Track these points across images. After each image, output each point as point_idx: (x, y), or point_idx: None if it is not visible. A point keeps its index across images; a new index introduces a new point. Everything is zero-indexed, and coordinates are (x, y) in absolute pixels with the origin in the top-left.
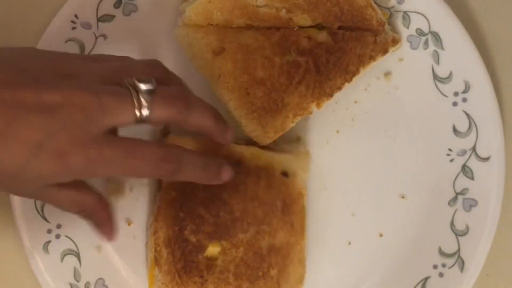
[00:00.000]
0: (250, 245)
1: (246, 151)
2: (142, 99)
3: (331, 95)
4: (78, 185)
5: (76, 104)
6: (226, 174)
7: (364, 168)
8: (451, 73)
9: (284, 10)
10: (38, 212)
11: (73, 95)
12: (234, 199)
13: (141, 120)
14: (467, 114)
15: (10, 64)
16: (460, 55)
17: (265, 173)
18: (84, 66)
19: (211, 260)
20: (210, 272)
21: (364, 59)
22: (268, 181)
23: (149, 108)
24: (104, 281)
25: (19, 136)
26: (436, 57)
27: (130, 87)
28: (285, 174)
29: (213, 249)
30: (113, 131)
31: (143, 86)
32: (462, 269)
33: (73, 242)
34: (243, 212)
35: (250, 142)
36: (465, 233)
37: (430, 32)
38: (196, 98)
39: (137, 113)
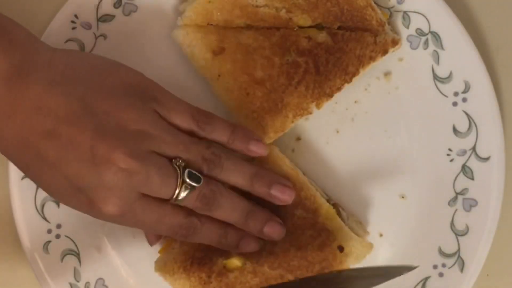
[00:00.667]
0: (267, 282)
1: (323, 208)
2: (183, 190)
3: (330, 95)
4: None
5: (124, 170)
6: (245, 248)
7: (363, 168)
8: (451, 73)
9: (284, 10)
10: (38, 212)
11: (124, 160)
12: (284, 238)
13: (172, 200)
14: (467, 114)
15: (82, 95)
16: (460, 55)
17: (326, 236)
18: (150, 123)
19: (226, 269)
20: (218, 279)
21: (363, 60)
22: (323, 244)
23: (183, 198)
24: (104, 281)
25: (65, 174)
26: (436, 57)
27: (180, 172)
28: (341, 248)
29: (235, 262)
30: None
31: (191, 183)
32: (462, 269)
33: (73, 242)
34: (283, 252)
35: (333, 200)
36: (465, 233)
37: (430, 32)
38: (226, 198)
39: (173, 196)
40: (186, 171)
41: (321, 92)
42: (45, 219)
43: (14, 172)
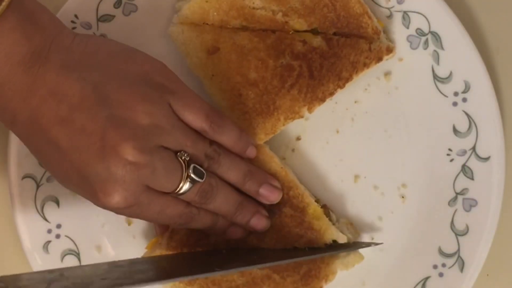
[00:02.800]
0: (254, 282)
1: (310, 207)
2: (186, 184)
3: (323, 100)
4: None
5: (132, 163)
6: (232, 235)
7: (363, 168)
8: (451, 73)
9: (280, 14)
10: (38, 212)
11: (133, 154)
12: (272, 235)
13: (174, 193)
14: (467, 114)
15: (97, 82)
16: (460, 55)
17: (312, 234)
18: (163, 117)
19: None
20: None
21: (357, 66)
22: (310, 243)
23: (185, 191)
24: None
25: (73, 162)
26: (436, 57)
27: (185, 167)
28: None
29: None
30: None
31: (196, 178)
32: (462, 269)
33: (73, 242)
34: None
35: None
36: (465, 233)
37: (430, 32)
38: (222, 194)
39: (176, 190)
40: (191, 167)
41: (314, 96)
42: (45, 219)
43: (14, 172)
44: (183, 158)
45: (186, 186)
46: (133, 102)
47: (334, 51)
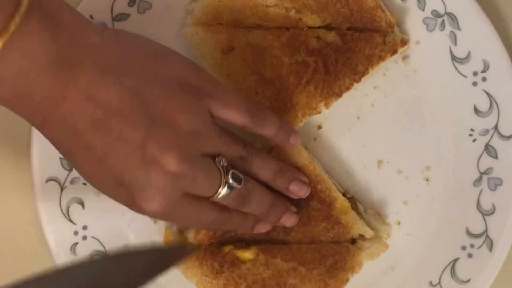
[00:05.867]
0: (279, 275)
1: (338, 202)
2: (224, 189)
3: (339, 95)
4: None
5: (173, 172)
6: (260, 230)
7: (386, 153)
8: (469, 53)
9: (293, 10)
10: (64, 215)
11: (174, 164)
12: (298, 228)
13: (211, 198)
14: (487, 93)
15: (136, 87)
16: (478, 34)
17: (339, 229)
18: (202, 123)
19: (239, 260)
20: (230, 269)
21: (373, 60)
22: (337, 236)
23: (222, 196)
24: None
25: (111, 168)
26: (453, 38)
27: (224, 173)
28: (354, 241)
29: (247, 254)
30: None
31: (234, 184)
32: (491, 249)
33: (100, 242)
34: (297, 244)
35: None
36: (491, 212)
37: (446, 13)
38: (257, 197)
39: (214, 195)
40: (230, 173)
41: (330, 91)
42: (71, 221)
43: (37, 176)
44: (221, 163)
45: (224, 191)
46: (173, 110)
47: (349, 46)
